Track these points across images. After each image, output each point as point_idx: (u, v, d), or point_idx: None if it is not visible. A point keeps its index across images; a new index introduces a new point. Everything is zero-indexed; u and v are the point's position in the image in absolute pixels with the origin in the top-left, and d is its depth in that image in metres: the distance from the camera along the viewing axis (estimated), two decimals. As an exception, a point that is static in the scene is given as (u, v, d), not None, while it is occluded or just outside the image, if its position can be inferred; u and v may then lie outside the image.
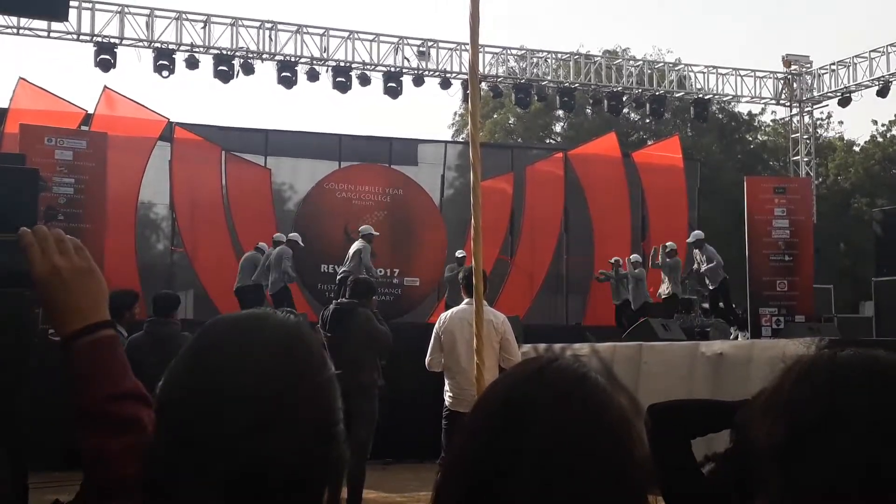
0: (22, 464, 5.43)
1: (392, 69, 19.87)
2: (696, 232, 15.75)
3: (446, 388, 7.22)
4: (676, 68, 23.79)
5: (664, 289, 15.38)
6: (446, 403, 7.18)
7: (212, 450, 1.17)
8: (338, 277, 14.09)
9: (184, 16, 18.56)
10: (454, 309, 7.45)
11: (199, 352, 1.28)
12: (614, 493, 1.14)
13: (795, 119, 24.34)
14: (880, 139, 34.83)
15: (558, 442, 1.14)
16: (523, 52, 22.16)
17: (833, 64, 22.59)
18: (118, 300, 7.83)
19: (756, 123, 37.35)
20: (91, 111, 16.01)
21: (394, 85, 19.79)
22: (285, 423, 1.20)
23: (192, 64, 18.46)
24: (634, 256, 16.58)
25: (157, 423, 1.26)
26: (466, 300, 7.12)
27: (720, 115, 34.03)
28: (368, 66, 19.78)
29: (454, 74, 20.44)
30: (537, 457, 1.13)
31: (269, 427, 1.19)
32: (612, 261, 16.78)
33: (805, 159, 23.91)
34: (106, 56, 17.69)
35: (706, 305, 17.13)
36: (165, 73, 18.25)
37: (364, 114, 55.98)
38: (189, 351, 1.30)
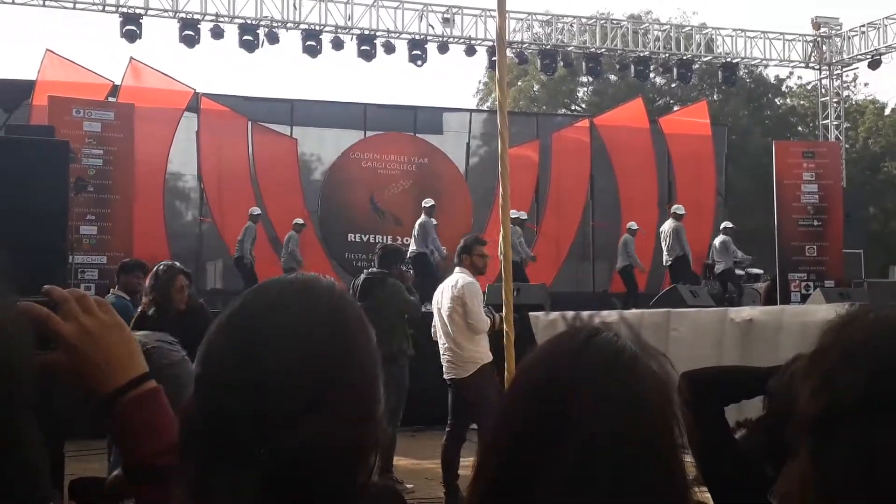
0: (58, 433, 5.49)
1: (417, 37, 19.78)
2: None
3: None
4: (703, 31, 23.47)
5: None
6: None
7: (254, 435, 1.08)
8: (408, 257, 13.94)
9: (208, -15, 18.52)
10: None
11: (244, 325, 1.15)
12: (656, 472, 1.11)
13: (824, 82, 24.00)
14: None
15: (601, 422, 1.10)
16: (548, 17, 21.96)
17: (863, 26, 22.20)
18: (123, 267, 8.03)
19: (784, 88, 36.87)
20: (118, 82, 16.11)
21: (418, 52, 19.70)
22: (335, 401, 1.11)
23: (217, 34, 18.44)
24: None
25: (194, 402, 1.15)
26: (457, 269, 7.27)
27: (747, 80, 33.59)
28: (393, 34, 19.68)
29: (479, 41, 20.31)
30: (580, 437, 1.09)
31: (320, 406, 1.10)
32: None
33: (834, 123, 23.60)
34: (131, 27, 17.71)
35: (740, 272, 17.00)
36: (190, 43, 18.26)
37: (389, 82, 55.75)
38: (231, 322, 1.16)
